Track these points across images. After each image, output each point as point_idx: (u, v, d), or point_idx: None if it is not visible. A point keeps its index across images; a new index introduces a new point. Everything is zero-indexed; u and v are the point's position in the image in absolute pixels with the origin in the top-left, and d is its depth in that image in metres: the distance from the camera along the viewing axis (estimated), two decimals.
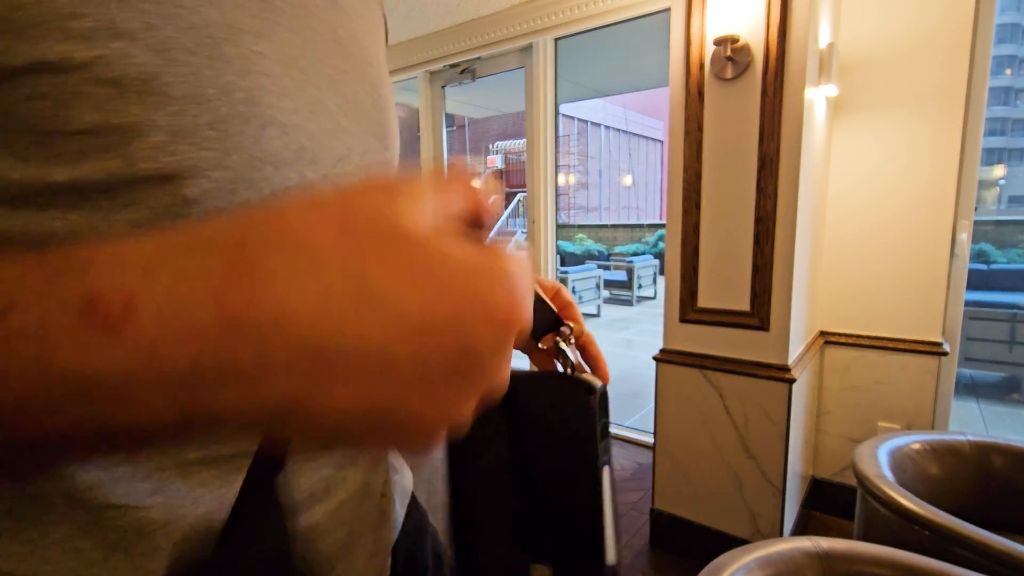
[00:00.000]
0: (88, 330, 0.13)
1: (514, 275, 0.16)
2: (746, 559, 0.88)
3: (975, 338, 3.67)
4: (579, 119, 17.21)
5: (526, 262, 0.17)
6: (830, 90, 1.67)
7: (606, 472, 0.31)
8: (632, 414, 3.28)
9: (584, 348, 0.38)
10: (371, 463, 0.36)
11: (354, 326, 0.14)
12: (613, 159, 19.34)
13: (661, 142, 21.46)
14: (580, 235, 12.71)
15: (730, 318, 1.60)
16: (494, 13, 2.72)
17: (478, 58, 2.96)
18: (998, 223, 5.96)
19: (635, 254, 9.47)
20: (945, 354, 1.76)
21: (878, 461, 1.24)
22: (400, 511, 0.41)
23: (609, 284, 8.29)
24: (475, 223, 0.18)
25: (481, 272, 0.15)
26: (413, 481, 0.45)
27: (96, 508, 0.23)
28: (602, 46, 3.20)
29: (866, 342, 1.88)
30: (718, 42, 1.47)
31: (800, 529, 1.84)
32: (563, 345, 0.36)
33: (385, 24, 0.39)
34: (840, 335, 1.94)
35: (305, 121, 0.27)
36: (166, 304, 0.13)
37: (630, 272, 8.09)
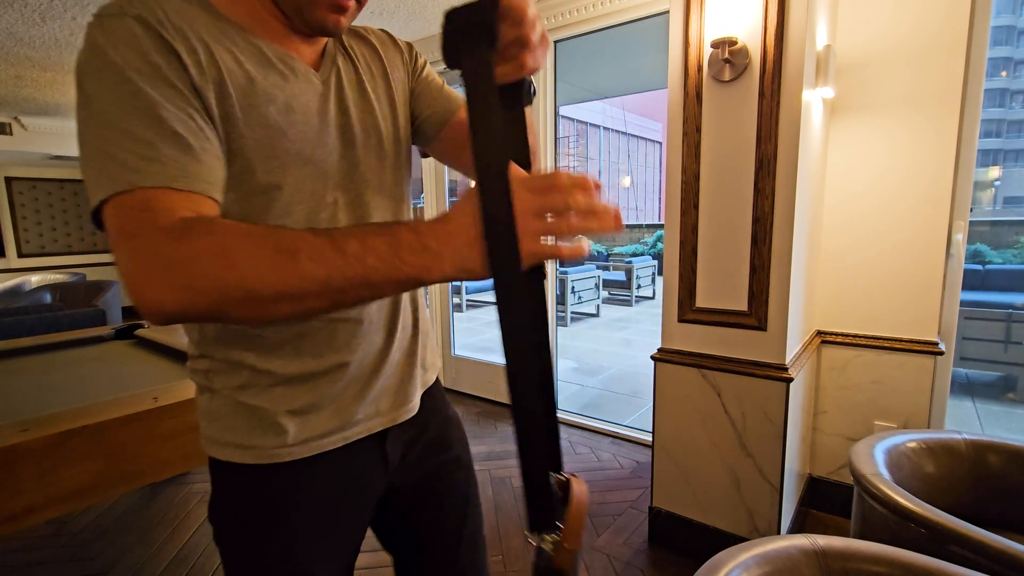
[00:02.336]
0: (397, 259, 0.42)
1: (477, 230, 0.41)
2: (744, 557, 0.88)
3: (971, 338, 3.68)
4: (578, 121, 17.20)
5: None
6: (827, 92, 1.68)
7: None
8: (631, 413, 3.29)
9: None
10: (410, 349, 0.73)
11: (444, 258, 0.42)
12: (612, 160, 19.32)
13: (660, 143, 21.46)
14: (579, 236, 12.67)
15: (728, 318, 1.61)
16: None
17: None
18: (993, 224, 5.97)
19: (634, 255, 9.47)
20: (941, 353, 1.78)
21: (875, 460, 1.24)
22: (419, 386, 0.75)
23: (608, 284, 8.29)
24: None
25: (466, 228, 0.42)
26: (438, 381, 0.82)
27: None
28: (601, 49, 3.21)
29: (863, 342, 1.90)
30: (716, 44, 1.48)
31: (797, 527, 1.85)
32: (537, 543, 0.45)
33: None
34: (837, 335, 1.95)
35: (311, 183, 0.60)
36: (413, 255, 0.42)
37: (629, 272, 8.09)
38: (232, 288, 0.40)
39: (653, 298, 8.38)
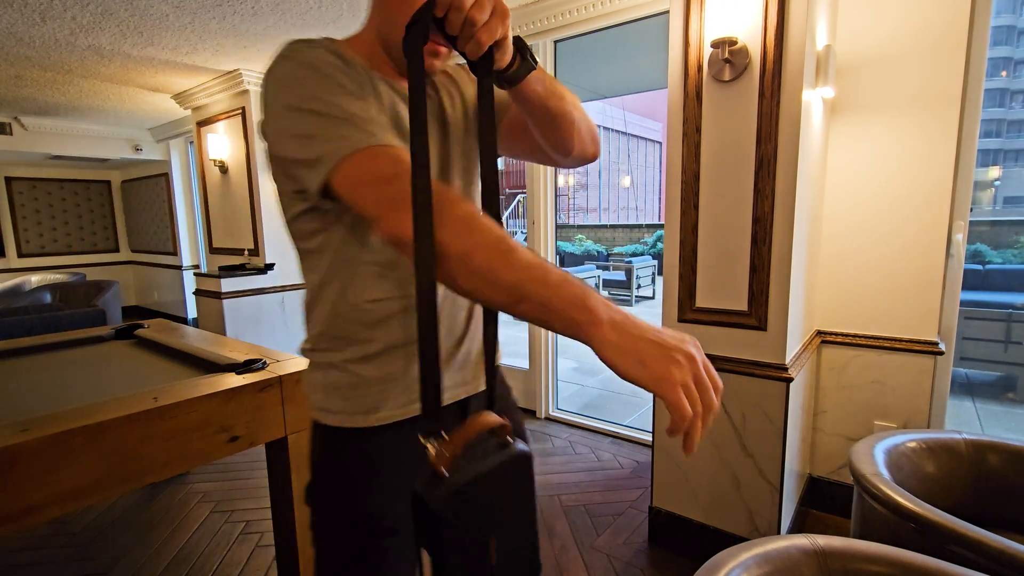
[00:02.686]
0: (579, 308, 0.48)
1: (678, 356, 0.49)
2: (744, 556, 0.88)
3: (971, 338, 3.69)
4: None
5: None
6: (827, 92, 1.68)
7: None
8: (631, 413, 3.29)
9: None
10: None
11: (618, 341, 0.47)
12: (612, 160, 19.32)
13: (660, 143, 21.44)
14: (579, 236, 12.70)
15: (728, 318, 1.61)
16: None
17: None
18: (993, 224, 5.97)
19: (634, 254, 9.47)
20: (941, 353, 1.78)
21: (875, 459, 1.24)
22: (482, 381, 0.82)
23: (608, 284, 8.30)
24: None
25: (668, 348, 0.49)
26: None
27: None
28: (601, 48, 3.20)
29: (863, 342, 1.90)
30: (716, 44, 1.48)
31: (797, 527, 1.85)
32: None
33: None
34: (837, 334, 1.95)
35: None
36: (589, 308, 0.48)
37: (629, 272, 8.10)
38: (465, 253, 0.50)
39: (653, 298, 8.38)
